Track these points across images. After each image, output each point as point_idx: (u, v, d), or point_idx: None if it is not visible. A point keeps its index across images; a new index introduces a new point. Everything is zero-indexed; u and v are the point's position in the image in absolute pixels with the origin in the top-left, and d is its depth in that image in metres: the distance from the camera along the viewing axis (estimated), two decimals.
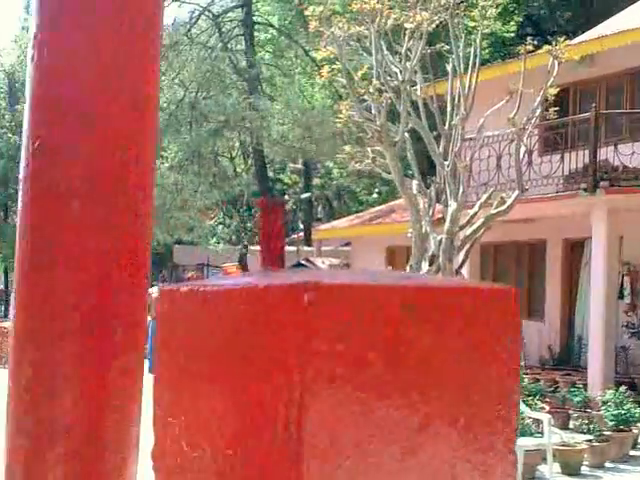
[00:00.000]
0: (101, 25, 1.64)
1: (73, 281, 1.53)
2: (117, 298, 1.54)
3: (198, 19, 26.56)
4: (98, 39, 1.63)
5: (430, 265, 9.84)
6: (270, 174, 28.83)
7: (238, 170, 30.40)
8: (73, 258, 1.54)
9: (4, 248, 34.70)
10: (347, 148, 12.03)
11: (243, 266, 24.04)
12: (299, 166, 28.71)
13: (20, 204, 1.63)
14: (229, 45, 26.30)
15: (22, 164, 1.64)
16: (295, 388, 0.93)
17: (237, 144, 28.48)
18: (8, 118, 33.51)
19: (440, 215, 10.59)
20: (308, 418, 0.93)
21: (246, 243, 27.30)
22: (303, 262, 17.05)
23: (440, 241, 9.89)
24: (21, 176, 1.63)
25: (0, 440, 1.53)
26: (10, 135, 32.71)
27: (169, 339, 1.18)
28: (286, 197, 28.25)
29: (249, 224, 28.93)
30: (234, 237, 29.81)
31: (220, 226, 30.85)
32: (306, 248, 22.81)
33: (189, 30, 25.21)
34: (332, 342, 0.95)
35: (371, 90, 10.61)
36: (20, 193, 1.64)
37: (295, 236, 27.19)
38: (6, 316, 26.71)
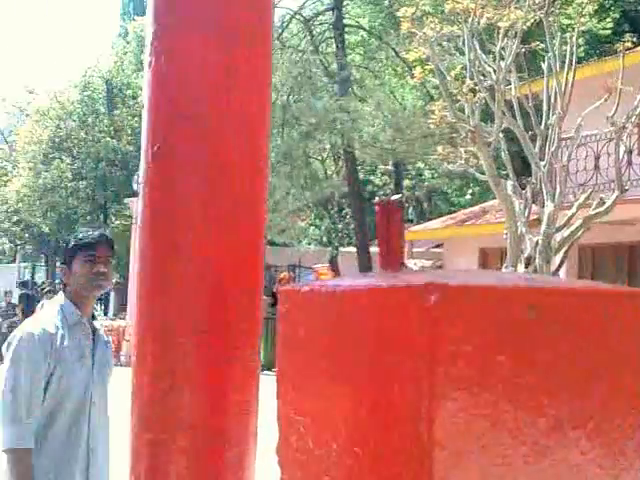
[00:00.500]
0: (214, 32, 1.69)
1: (192, 280, 1.57)
2: (235, 296, 1.58)
3: (289, 23, 26.83)
4: (212, 46, 1.68)
5: (526, 267, 9.67)
6: (360, 176, 28.84)
7: (329, 172, 30.54)
8: (191, 259, 1.58)
9: None
10: (439, 149, 11.94)
11: (334, 267, 24.14)
12: (390, 167, 28.64)
13: (140, 206, 1.69)
14: (320, 48, 26.46)
15: (142, 168, 1.70)
16: (424, 389, 0.93)
17: (328, 146, 28.59)
18: (107, 123, 34.61)
19: (536, 216, 10.39)
20: (437, 419, 0.93)
21: (337, 244, 27.40)
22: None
23: (537, 243, 9.71)
24: (140, 179, 1.69)
25: (123, 435, 1.58)
26: (109, 139, 33.78)
27: (291, 337, 1.20)
28: (376, 199, 28.14)
29: (340, 225, 29.03)
30: (325, 238, 29.96)
31: (311, 227, 31.07)
32: None
33: (280, 34, 25.49)
34: (459, 344, 0.95)
35: (464, 90, 10.50)
36: (140, 196, 1.70)
37: None
38: (106, 314, 27.55)
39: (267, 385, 1.48)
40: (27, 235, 38.86)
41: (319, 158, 30.96)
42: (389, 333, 1.00)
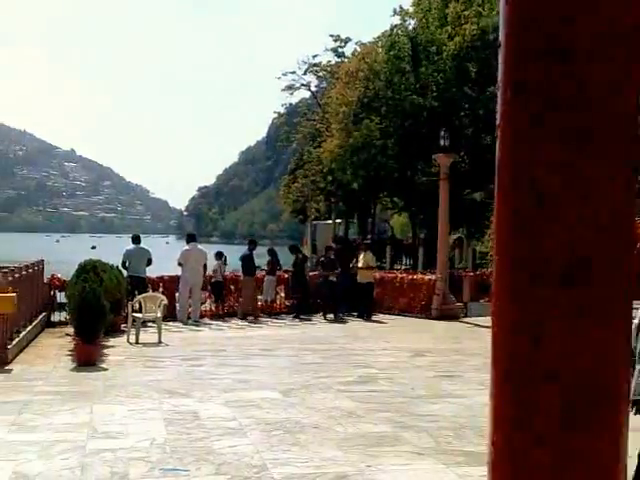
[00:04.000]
0: None
1: (554, 227, 1.48)
2: (598, 246, 1.47)
3: None
4: None
5: None
6: None
7: None
8: (557, 202, 1.49)
9: (411, 202, 36.68)
10: None
11: None
12: None
13: (498, 149, 1.61)
14: None
15: (499, 109, 1.62)
16: None
17: None
18: (412, 80, 35.12)
19: None
20: None
21: None
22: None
23: None
24: (498, 121, 1.62)
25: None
26: (414, 97, 34.29)
27: None
28: None
29: None
30: None
31: None
32: None
33: None
34: None
35: None
36: (498, 138, 1.62)
37: None
38: (415, 268, 28.23)
39: None
40: (340, 193, 40.92)
41: None
42: None
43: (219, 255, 20.64)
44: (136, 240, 18.84)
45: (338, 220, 41.85)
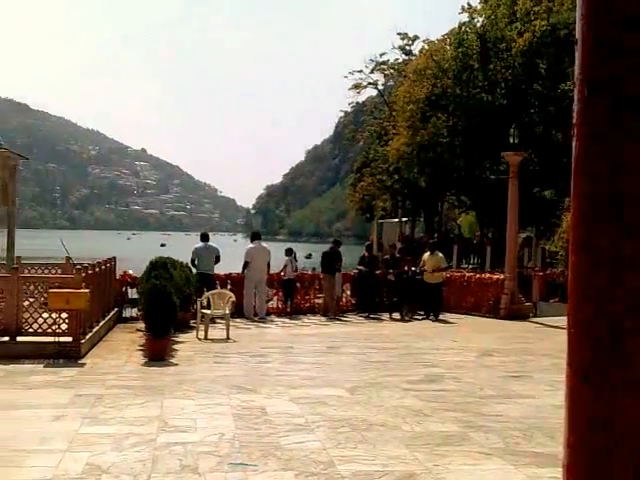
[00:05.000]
0: None
1: (635, 226, 1.46)
2: None
3: None
4: None
5: None
6: None
7: None
8: (637, 202, 1.47)
9: (477, 204, 36.28)
10: None
11: None
12: None
13: (575, 149, 1.60)
14: None
15: (575, 107, 1.60)
16: None
17: None
18: (480, 78, 34.71)
19: None
20: None
21: None
22: None
23: None
24: (574, 119, 1.60)
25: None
26: (483, 94, 33.89)
27: None
28: None
29: None
30: None
31: None
32: None
33: None
34: None
35: None
36: (574, 138, 1.61)
37: None
38: (482, 268, 27.91)
39: None
40: (406, 191, 40.73)
41: None
42: None
43: (289, 252, 20.74)
44: (205, 238, 19.09)
45: (404, 218, 41.65)
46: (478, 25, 36.96)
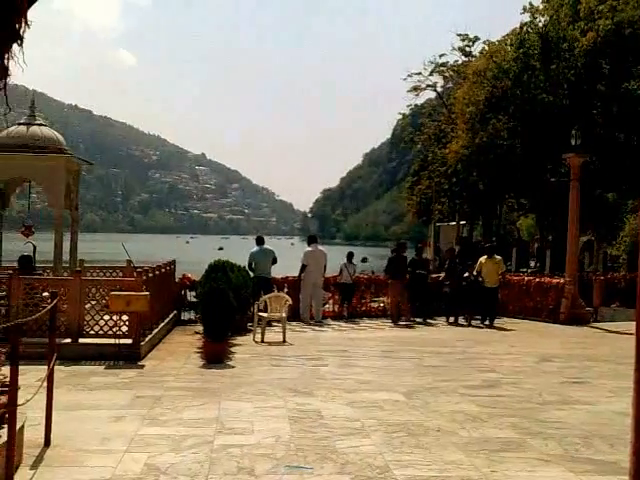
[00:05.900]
0: None
1: None
2: None
3: None
4: None
5: None
6: None
7: None
8: None
9: (537, 205, 35.71)
10: None
11: None
12: None
13: None
14: None
15: None
16: None
17: None
18: (542, 78, 34.19)
19: None
20: None
21: None
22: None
23: None
24: None
25: None
26: (544, 95, 33.39)
27: None
28: None
29: None
30: None
31: None
32: None
33: None
34: None
35: None
36: None
37: None
38: (541, 271, 27.46)
39: None
40: (465, 194, 40.36)
41: None
42: None
43: (350, 255, 20.64)
44: (260, 241, 19.19)
45: (462, 222, 41.29)
46: (540, 25, 36.47)
